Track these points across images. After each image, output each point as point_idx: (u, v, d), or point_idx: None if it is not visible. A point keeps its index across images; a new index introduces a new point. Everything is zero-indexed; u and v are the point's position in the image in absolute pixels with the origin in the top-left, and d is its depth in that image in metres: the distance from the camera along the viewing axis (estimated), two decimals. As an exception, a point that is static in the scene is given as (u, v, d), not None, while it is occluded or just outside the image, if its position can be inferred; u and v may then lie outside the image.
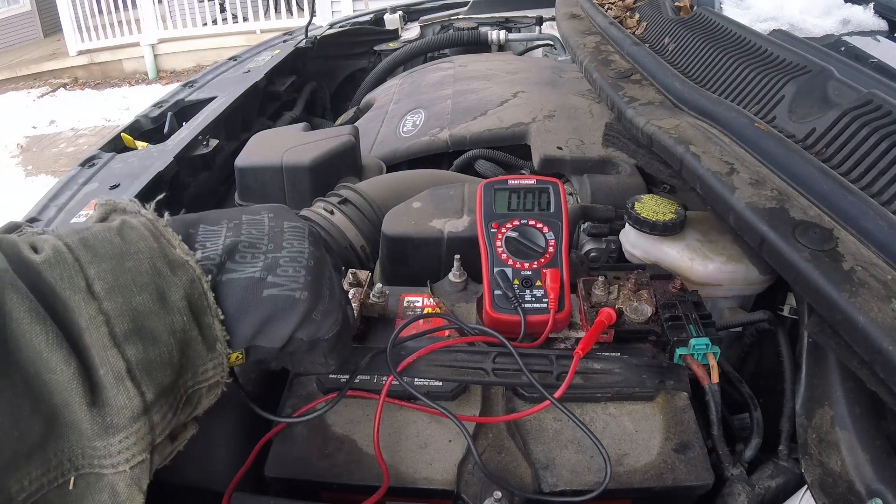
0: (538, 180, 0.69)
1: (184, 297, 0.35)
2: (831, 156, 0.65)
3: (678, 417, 0.57)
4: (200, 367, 0.36)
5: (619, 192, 0.91)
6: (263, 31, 6.28)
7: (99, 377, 0.31)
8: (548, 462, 0.54)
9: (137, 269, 0.34)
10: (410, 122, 1.30)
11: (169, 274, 0.35)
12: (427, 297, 0.72)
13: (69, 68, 6.88)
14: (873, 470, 0.50)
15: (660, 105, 0.86)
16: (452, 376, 0.58)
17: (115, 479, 0.31)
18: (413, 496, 0.53)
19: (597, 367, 0.59)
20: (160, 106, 1.44)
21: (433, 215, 0.84)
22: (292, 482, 0.54)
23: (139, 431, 0.32)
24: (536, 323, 0.61)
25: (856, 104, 0.66)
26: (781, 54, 0.81)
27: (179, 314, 0.35)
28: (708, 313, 0.63)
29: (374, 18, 2.24)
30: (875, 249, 0.53)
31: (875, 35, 0.94)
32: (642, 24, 1.19)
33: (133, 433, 0.32)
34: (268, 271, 0.40)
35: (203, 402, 0.38)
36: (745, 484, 0.55)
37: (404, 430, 0.57)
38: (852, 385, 0.55)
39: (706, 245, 0.73)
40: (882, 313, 0.47)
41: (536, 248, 0.65)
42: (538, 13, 2.09)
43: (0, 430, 0.28)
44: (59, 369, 0.30)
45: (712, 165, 0.67)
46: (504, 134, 1.15)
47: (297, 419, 0.55)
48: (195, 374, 0.36)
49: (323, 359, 0.44)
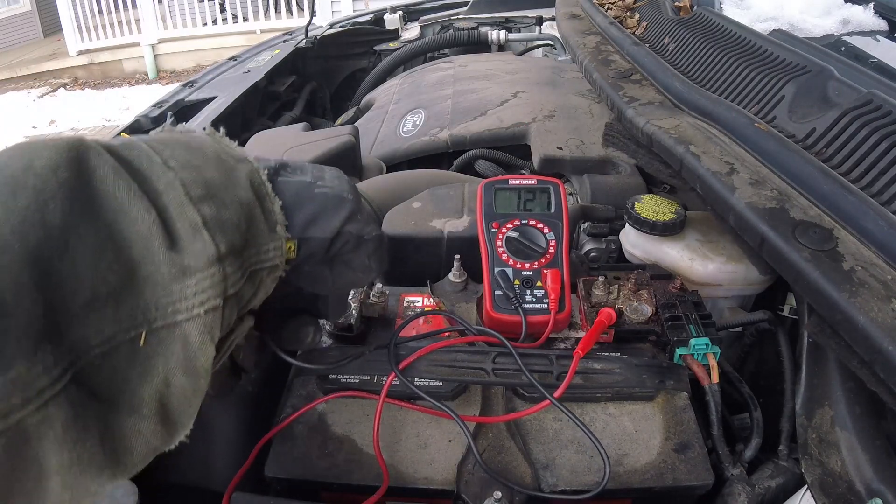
0: (538, 180, 0.69)
1: (247, 179, 0.39)
2: (831, 156, 0.65)
3: (678, 417, 0.57)
4: (263, 245, 0.38)
5: (619, 192, 0.91)
6: (263, 31, 6.27)
7: (176, 229, 0.33)
8: (548, 462, 0.54)
9: (205, 155, 0.37)
10: (410, 122, 1.30)
11: (233, 162, 0.39)
12: (427, 297, 0.72)
13: (69, 68, 6.88)
14: (873, 470, 0.50)
15: (660, 105, 0.86)
16: (452, 376, 0.58)
17: (189, 327, 0.32)
18: (413, 496, 0.53)
19: (597, 367, 0.59)
20: (160, 106, 1.44)
21: (433, 215, 0.84)
22: (292, 482, 0.54)
23: (214, 276, 0.33)
24: (537, 323, 0.61)
25: (856, 104, 0.66)
26: (781, 54, 0.81)
27: (245, 190, 0.38)
28: (708, 313, 0.63)
29: (374, 18, 2.24)
30: (875, 249, 0.53)
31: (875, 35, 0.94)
32: (642, 24, 1.19)
33: (208, 276, 0.33)
34: (317, 179, 0.44)
35: (263, 287, 0.40)
36: (745, 484, 0.55)
37: (404, 430, 0.57)
38: (852, 385, 0.55)
39: (706, 245, 0.73)
40: (882, 313, 0.47)
41: (537, 249, 0.65)
42: (538, 13, 2.09)
43: (83, 269, 0.29)
44: (140, 218, 0.31)
45: (712, 165, 0.67)
46: (504, 134, 1.15)
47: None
48: (258, 251, 0.38)
49: (367, 260, 0.46)
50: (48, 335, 0.27)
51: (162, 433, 0.33)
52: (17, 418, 0.26)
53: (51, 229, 0.28)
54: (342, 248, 0.44)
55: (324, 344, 0.66)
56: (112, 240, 0.30)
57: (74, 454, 0.28)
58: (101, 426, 0.30)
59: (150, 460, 0.33)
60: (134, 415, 0.31)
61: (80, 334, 0.29)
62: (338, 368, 0.60)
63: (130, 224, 0.31)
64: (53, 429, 0.27)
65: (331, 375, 0.59)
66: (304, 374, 0.61)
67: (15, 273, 0.26)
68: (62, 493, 0.28)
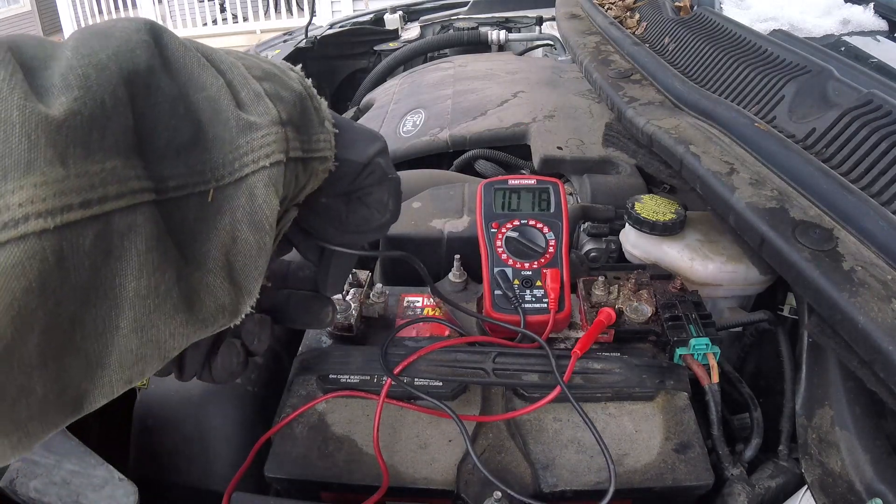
0: (538, 180, 0.69)
1: (297, 78, 0.40)
2: (831, 156, 0.65)
3: (678, 417, 0.57)
4: (314, 134, 0.40)
5: (619, 192, 0.91)
6: (263, 31, 6.28)
7: (241, 97, 0.35)
8: (548, 462, 0.54)
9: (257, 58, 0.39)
10: (410, 122, 1.30)
11: (283, 66, 0.41)
12: (427, 298, 0.72)
13: (69, 68, 6.87)
14: (873, 470, 0.50)
15: (660, 105, 0.86)
16: (452, 376, 0.58)
17: (254, 179, 0.33)
18: (413, 496, 0.53)
19: (597, 366, 0.59)
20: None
21: (433, 215, 0.84)
22: (292, 482, 0.54)
23: (278, 133, 0.35)
24: (537, 323, 0.61)
25: (856, 104, 0.66)
26: (781, 54, 0.81)
27: (297, 83, 0.40)
28: (708, 313, 0.63)
29: (374, 18, 2.24)
30: (875, 249, 0.53)
31: (875, 35, 0.94)
32: (642, 24, 1.19)
33: (272, 133, 0.35)
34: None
35: (314, 178, 0.41)
36: (745, 484, 0.55)
37: (404, 430, 0.57)
38: (852, 385, 0.55)
39: (706, 245, 0.73)
40: (882, 313, 0.47)
41: (536, 248, 0.65)
42: (538, 13, 2.09)
43: (162, 115, 0.30)
44: (209, 84, 0.33)
45: (712, 165, 0.67)
46: (504, 134, 1.15)
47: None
48: (310, 138, 0.39)
49: (386, 197, 0.47)
50: (137, 151, 0.29)
51: (230, 291, 0.33)
52: (110, 209, 0.26)
53: (137, 68, 0.29)
54: (367, 180, 0.45)
55: (324, 344, 0.66)
56: (184, 100, 0.32)
57: (152, 282, 0.28)
58: (176, 268, 0.30)
59: (221, 323, 0.33)
60: (201, 268, 0.32)
61: (159, 170, 0.30)
62: (340, 367, 0.60)
63: (199, 90, 0.32)
64: (136, 244, 0.28)
65: (331, 375, 0.59)
66: (305, 374, 0.61)
67: (113, 85, 0.27)
68: (130, 337, 0.28)
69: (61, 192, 0.24)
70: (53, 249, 0.24)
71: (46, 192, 0.23)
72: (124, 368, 0.29)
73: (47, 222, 0.23)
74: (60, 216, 0.24)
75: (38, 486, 0.52)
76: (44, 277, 0.24)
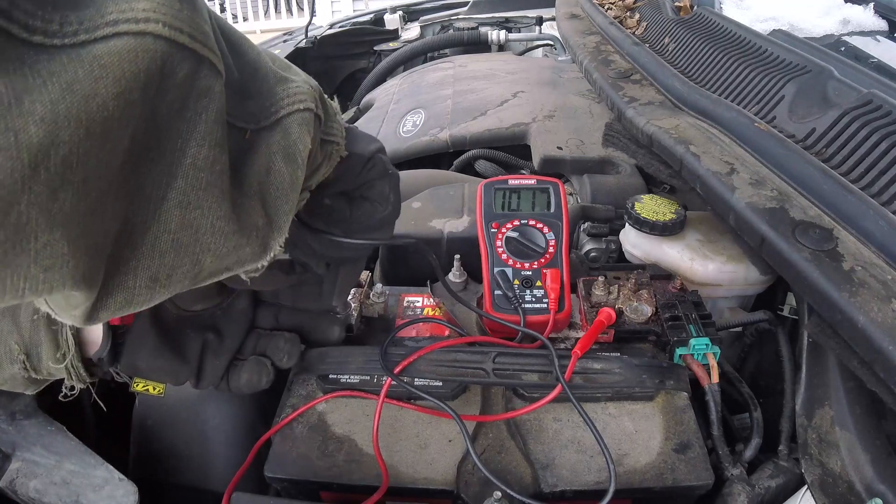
0: (538, 180, 0.69)
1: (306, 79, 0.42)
2: (831, 156, 0.65)
3: (678, 417, 0.57)
4: (328, 121, 0.42)
5: (619, 192, 0.91)
6: (263, 31, 6.27)
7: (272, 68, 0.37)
8: (548, 462, 0.54)
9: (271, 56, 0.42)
10: (410, 122, 1.30)
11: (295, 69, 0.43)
12: (427, 298, 0.72)
13: (69, 68, 6.87)
14: (873, 470, 0.50)
15: (660, 105, 0.86)
16: (452, 376, 0.58)
17: (288, 121, 0.36)
18: (413, 496, 0.53)
19: (597, 366, 0.59)
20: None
21: (433, 215, 0.84)
22: (292, 482, 0.54)
23: (309, 91, 0.38)
24: (537, 323, 0.61)
25: (856, 104, 0.66)
26: (781, 54, 0.81)
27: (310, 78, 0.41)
28: (708, 313, 0.63)
29: (374, 18, 2.24)
30: (875, 249, 0.53)
31: (875, 35, 0.94)
32: (642, 24, 1.19)
33: (304, 83, 0.38)
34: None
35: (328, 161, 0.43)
36: (745, 484, 0.55)
37: (404, 430, 0.57)
38: (852, 385, 0.55)
39: (706, 245, 0.73)
40: (882, 313, 0.47)
41: (537, 249, 0.65)
42: (538, 13, 2.09)
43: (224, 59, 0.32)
44: (249, 47, 0.36)
45: (712, 165, 0.67)
46: (504, 134, 1.15)
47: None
48: (327, 122, 0.41)
49: (388, 189, 0.49)
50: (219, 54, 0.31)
51: (264, 217, 0.35)
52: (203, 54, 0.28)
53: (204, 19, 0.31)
54: (370, 174, 0.47)
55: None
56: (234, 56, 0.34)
57: (211, 155, 0.30)
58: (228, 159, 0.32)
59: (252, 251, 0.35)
60: (239, 189, 0.34)
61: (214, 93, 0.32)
62: (340, 367, 0.60)
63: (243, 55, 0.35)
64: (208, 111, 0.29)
65: (331, 375, 0.59)
66: (304, 374, 0.61)
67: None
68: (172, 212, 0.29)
69: (177, 18, 0.26)
70: (162, 55, 0.26)
71: (167, 10, 0.26)
72: (154, 255, 0.30)
73: (164, 30, 0.25)
74: (173, 32, 0.26)
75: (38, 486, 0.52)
76: (149, 76, 0.25)
